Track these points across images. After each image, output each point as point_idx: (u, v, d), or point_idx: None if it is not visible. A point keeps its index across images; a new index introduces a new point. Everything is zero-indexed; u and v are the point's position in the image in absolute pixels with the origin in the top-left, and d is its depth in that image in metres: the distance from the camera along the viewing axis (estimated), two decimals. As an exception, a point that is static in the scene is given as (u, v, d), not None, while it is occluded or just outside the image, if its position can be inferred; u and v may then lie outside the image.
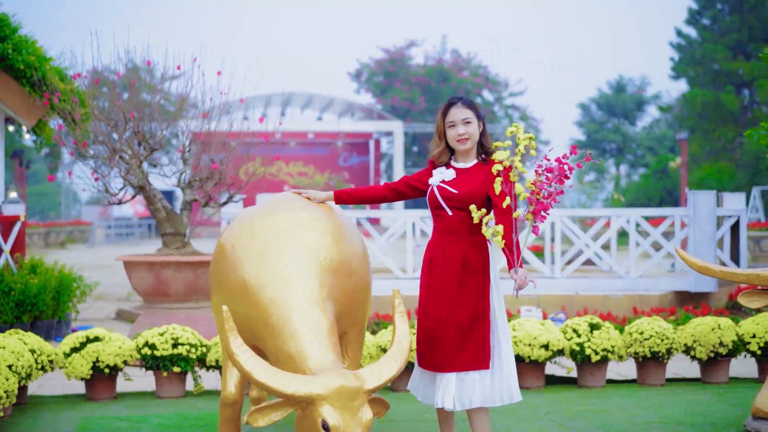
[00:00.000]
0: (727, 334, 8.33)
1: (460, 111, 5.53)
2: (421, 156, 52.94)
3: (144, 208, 47.85)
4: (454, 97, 5.63)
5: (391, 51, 52.48)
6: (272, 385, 4.69)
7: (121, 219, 45.97)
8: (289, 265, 5.26)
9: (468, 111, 5.53)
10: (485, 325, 5.43)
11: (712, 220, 12.49)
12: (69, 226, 39.50)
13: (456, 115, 5.53)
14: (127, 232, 43.85)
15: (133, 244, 39.31)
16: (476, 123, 5.54)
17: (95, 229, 40.56)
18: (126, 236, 43.21)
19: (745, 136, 11.13)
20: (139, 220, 46.62)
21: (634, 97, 58.04)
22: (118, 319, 13.89)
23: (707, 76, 44.44)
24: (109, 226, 43.22)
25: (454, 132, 5.53)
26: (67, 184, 51.06)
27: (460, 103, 5.56)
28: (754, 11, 43.34)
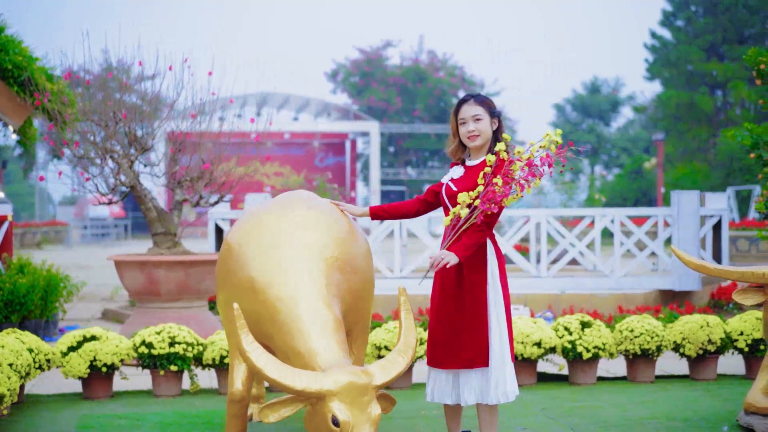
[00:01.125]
0: (716, 331, 8.47)
1: (471, 108, 5.59)
2: (397, 156, 53.07)
3: (120, 209, 47.81)
4: (467, 95, 5.69)
5: (367, 51, 52.58)
6: (283, 382, 4.76)
7: (97, 219, 45.83)
8: (296, 262, 5.34)
9: (479, 108, 5.58)
10: (481, 323, 5.50)
11: (695, 219, 12.65)
12: (45, 226, 39.36)
13: (467, 112, 5.60)
14: (103, 233, 43.68)
15: (109, 244, 39.22)
16: (488, 120, 5.59)
17: (71, 229, 40.39)
18: (102, 237, 43.05)
19: (729, 137, 11.29)
20: (114, 221, 46.51)
21: (608, 98, 58.43)
22: (104, 319, 13.91)
23: (681, 77, 44.82)
24: (84, 227, 43.08)
25: (465, 129, 5.60)
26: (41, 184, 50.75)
27: (472, 101, 5.62)
28: (728, 13, 43.75)
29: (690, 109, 42.92)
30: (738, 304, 12.80)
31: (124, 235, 44.91)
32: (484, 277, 5.54)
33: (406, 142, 52.13)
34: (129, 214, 47.64)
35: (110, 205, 10.59)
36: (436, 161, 53.84)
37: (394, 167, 52.28)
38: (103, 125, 10.27)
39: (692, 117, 43.14)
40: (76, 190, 10.74)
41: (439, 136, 51.32)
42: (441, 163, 53.30)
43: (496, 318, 5.54)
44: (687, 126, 43.61)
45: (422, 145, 51.85)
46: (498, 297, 5.57)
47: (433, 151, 53.28)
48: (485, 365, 5.50)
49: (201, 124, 10.52)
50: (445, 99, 52.03)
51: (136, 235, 46.04)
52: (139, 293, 10.19)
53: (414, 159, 53.90)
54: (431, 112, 51.90)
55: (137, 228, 47.40)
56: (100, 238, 42.76)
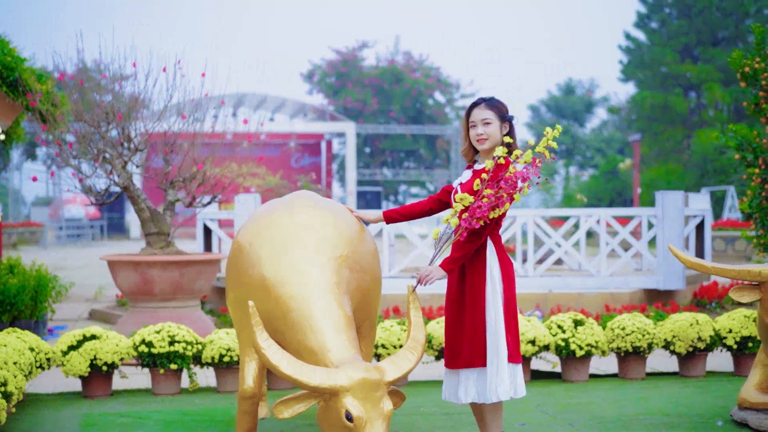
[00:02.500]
0: (705, 329, 8.63)
1: (481, 112, 5.65)
2: (373, 157, 53.15)
3: (95, 210, 47.61)
4: (480, 99, 5.75)
5: (343, 52, 52.65)
6: (298, 378, 4.86)
7: (72, 220, 45.64)
8: (307, 261, 5.44)
9: (489, 112, 5.64)
10: (480, 323, 5.55)
11: (680, 219, 12.84)
12: (20, 227, 39.13)
13: (477, 116, 5.66)
14: (78, 234, 43.48)
15: (84, 245, 39.07)
16: (497, 124, 5.63)
17: (46, 230, 40.19)
18: (77, 237, 42.85)
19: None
20: (90, 222, 46.31)
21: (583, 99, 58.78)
22: (91, 319, 13.93)
23: (656, 79, 45.17)
24: (60, 228, 42.85)
25: (474, 132, 5.67)
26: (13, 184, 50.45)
27: (483, 104, 5.68)
28: (702, 16, 44.12)
29: (664, 111, 43.25)
30: (720, 302, 13.03)
31: (100, 235, 44.72)
32: (483, 279, 5.58)
33: (382, 142, 52.25)
34: (104, 214, 47.45)
35: (102, 206, 10.62)
36: (412, 162, 53.99)
37: (370, 168, 52.36)
38: (96, 125, 10.31)
39: (666, 118, 43.48)
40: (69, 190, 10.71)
41: (415, 137, 51.49)
42: (417, 164, 53.45)
43: (494, 317, 5.56)
44: (661, 127, 43.95)
45: (398, 145, 51.98)
46: (497, 297, 5.57)
47: (409, 152, 53.43)
48: (483, 365, 5.55)
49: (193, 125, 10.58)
50: (421, 100, 52.17)
51: (112, 236, 45.86)
52: (133, 293, 10.24)
53: (390, 160, 54.03)
54: (407, 113, 52.04)
55: (112, 229, 47.24)
56: (76, 238, 42.55)
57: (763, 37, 11.00)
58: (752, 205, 10.78)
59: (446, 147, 51.00)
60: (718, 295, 13.45)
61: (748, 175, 10.90)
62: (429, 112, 52.34)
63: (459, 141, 48.29)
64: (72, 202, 47.14)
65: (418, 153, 53.27)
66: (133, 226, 46.25)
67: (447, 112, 53.36)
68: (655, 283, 12.96)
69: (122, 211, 48.95)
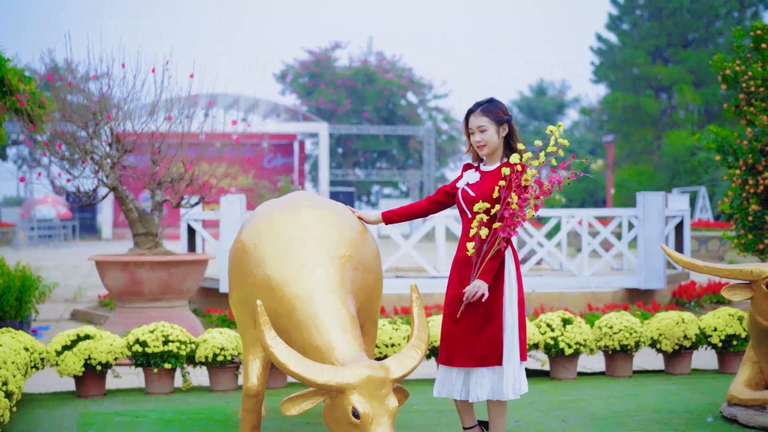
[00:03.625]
0: (691, 327, 8.77)
1: (477, 119, 5.75)
2: (346, 157, 53.21)
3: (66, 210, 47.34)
4: (476, 104, 5.82)
5: (316, 53, 52.67)
6: (305, 375, 4.94)
7: (44, 221, 45.32)
8: (312, 260, 5.52)
9: (483, 119, 5.72)
10: (497, 323, 5.65)
11: (660, 219, 13.00)
12: (-8, 228, 38.91)
13: (473, 123, 5.78)
14: (50, 234, 43.22)
15: (56, 246, 38.88)
16: (494, 128, 5.70)
17: (18, 231, 39.93)
18: (49, 238, 42.60)
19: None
20: (61, 222, 46.04)
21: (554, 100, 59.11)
22: (73, 319, 13.90)
23: (627, 80, 45.56)
24: (32, 228, 42.57)
25: (473, 139, 5.78)
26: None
27: (479, 111, 5.77)
28: (672, 17, 44.54)
29: (635, 112, 43.64)
30: (699, 301, 13.21)
31: (72, 236, 44.49)
32: (502, 280, 5.68)
33: (354, 143, 52.33)
34: (76, 215, 47.21)
35: (89, 206, 10.63)
36: (385, 162, 54.10)
37: (343, 168, 52.43)
38: (82, 125, 10.32)
39: (638, 119, 43.88)
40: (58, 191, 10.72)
41: (387, 138, 51.59)
42: (389, 165, 53.56)
43: (510, 317, 5.69)
44: (632, 128, 44.35)
45: (371, 146, 52.09)
46: (513, 296, 5.72)
47: (382, 153, 53.54)
48: (499, 363, 5.65)
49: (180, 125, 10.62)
50: (394, 101, 52.30)
51: (84, 237, 45.65)
52: (121, 293, 10.27)
53: (362, 160, 54.11)
54: (380, 114, 52.15)
55: (84, 229, 47.01)
56: (47, 239, 42.29)
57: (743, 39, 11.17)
58: (733, 205, 10.94)
59: (419, 147, 51.14)
60: (697, 295, 13.63)
61: (729, 176, 11.06)
62: (402, 113, 52.47)
63: (431, 141, 48.47)
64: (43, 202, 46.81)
65: (391, 153, 53.40)
66: (105, 227, 46.07)
67: (419, 113, 53.52)
68: (637, 283, 13.11)
69: (94, 211, 48.73)
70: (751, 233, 10.85)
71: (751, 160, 10.70)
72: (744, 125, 10.97)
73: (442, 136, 53.33)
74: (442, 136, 53.23)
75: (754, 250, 10.89)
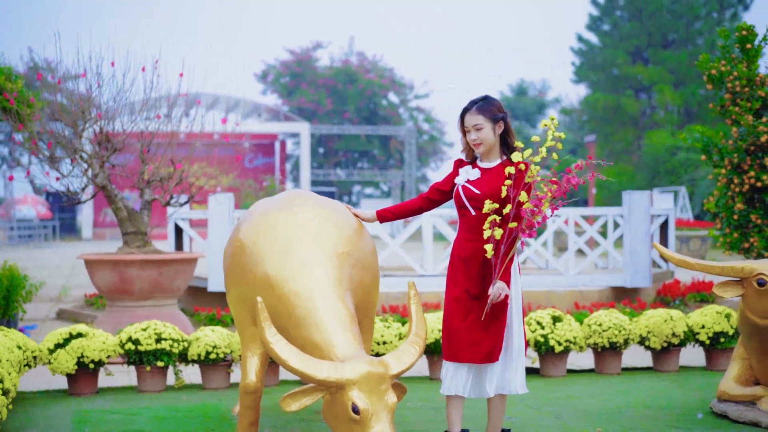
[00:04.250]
0: (679, 325, 8.86)
1: (472, 117, 5.76)
2: (327, 157, 53.20)
3: (46, 210, 47.14)
4: (471, 102, 5.83)
5: (297, 52, 52.64)
6: (306, 371, 4.98)
7: (23, 221, 45.12)
8: (311, 258, 5.56)
9: (479, 117, 5.73)
10: (503, 319, 5.70)
11: (646, 218, 13.09)
12: (-29, 228, 38.75)
13: (468, 122, 5.78)
14: (30, 234, 43.03)
15: (37, 246, 38.74)
16: (489, 126, 5.73)
17: (-3, 231, 39.80)
18: (29, 238, 42.42)
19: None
20: (41, 222, 45.84)
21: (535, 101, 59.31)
22: (59, 318, 13.88)
23: (608, 80, 45.76)
24: (11, 228, 42.40)
25: (468, 137, 5.79)
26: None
27: (474, 109, 5.77)
28: (653, 18, 44.76)
29: (616, 112, 43.85)
30: (683, 300, 13.31)
31: (52, 236, 44.31)
32: (508, 276, 5.71)
33: (335, 143, 52.31)
34: (56, 215, 47.02)
35: (78, 204, 10.64)
36: (366, 162, 54.12)
37: (324, 168, 52.40)
38: (70, 124, 10.32)
39: (618, 119, 44.09)
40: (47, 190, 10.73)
41: (368, 138, 51.60)
42: (370, 165, 53.58)
43: (517, 312, 5.78)
44: (613, 128, 44.54)
45: (352, 146, 52.10)
46: (518, 292, 5.81)
47: (363, 153, 53.55)
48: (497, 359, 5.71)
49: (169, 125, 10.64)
50: (375, 100, 52.32)
51: (64, 237, 45.47)
52: (111, 292, 10.27)
53: (344, 160, 54.12)
54: (361, 114, 52.18)
55: (64, 229, 46.82)
56: (27, 239, 42.12)
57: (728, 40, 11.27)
58: (718, 204, 11.04)
59: (400, 147, 51.18)
60: (682, 293, 13.74)
61: (714, 175, 11.16)
62: (383, 113, 52.51)
63: (412, 141, 48.52)
64: (23, 202, 46.60)
65: (372, 153, 53.42)
66: (85, 227, 45.89)
67: (401, 113, 53.57)
68: (623, 281, 13.20)
69: (74, 211, 48.56)
70: (737, 232, 10.96)
71: (737, 160, 10.81)
72: (729, 125, 11.08)
73: (423, 136, 53.41)
74: (423, 136, 53.31)
75: (739, 249, 11.00)
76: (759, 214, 10.70)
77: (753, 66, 11.00)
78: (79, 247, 36.23)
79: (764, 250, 10.74)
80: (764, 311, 6.47)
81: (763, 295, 6.44)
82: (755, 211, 10.72)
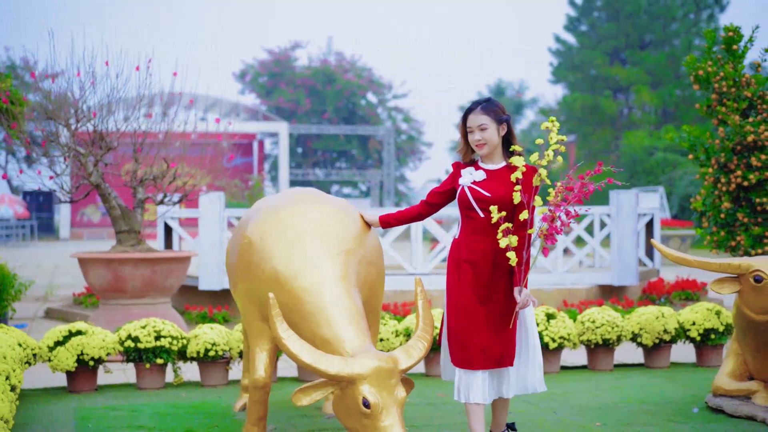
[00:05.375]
0: (670, 322, 8.99)
1: (477, 117, 5.66)
2: (305, 157, 53.22)
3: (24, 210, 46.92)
4: (475, 102, 5.76)
5: (275, 52, 52.64)
6: (317, 366, 5.07)
7: (1, 221, 44.90)
8: (319, 254, 5.65)
9: (484, 117, 5.64)
10: (513, 324, 5.63)
11: (633, 217, 13.23)
12: (-51, 228, 38.53)
13: (472, 122, 5.68)
14: (7, 234, 42.82)
15: (14, 245, 38.55)
16: (494, 127, 5.64)
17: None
18: (6, 238, 42.21)
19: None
20: (18, 222, 45.61)
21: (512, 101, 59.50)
22: (48, 317, 13.88)
23: (586, 81, 46.02)
24: (-11, 227, 42.18)
25: (472, 138, 5.69)
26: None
27: (478, 109, 5.69)
28: (630, 19, 45.08)
29: (594, 112, 44.15)
30: (669, 298, 13.46)
31: (30, 236, 44.10)
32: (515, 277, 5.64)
33: (314, 143, 52.34)
34: (33, 215, 46.81)
35: (71, 203, 10.67)
36: (344, 162, 54.18)
37: (302, 168, 52.41)
38: (63, 123, 10.35)
39: (596, 120, 44.39)
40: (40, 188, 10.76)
41: (347, 137, 51.67)
42: (349, 164, 53.64)
43: (530, 313, 5.78)
44: (591, 128, 44.83)
45: (330, 146, 52.16)
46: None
47: (341, 152, 53.62)
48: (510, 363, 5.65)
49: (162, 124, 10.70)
50: (354, 100, 52.40)
51: (42, 237, 45.27)
52: (105, 290, 10.31)
53: (322, 160, 54.17)
54: (340, 114, 52.24)
55: (42, 229, 46.60)
56: (4, 239, 41.91)
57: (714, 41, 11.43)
58: (705, 203, 11.19)
59: (378, 147, 51.29)
60: (667, 292, 13.89)
61: (701, 174, 11.31)
62: (361, 113, 52.61)
63: (390, 141, 48.60)
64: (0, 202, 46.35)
65: (351, 153, 53.50)
66: (63, 227, 45.70)
67: (379, 113, 53.66)
68: (610, 279, 13.33)
69: (51, 211, 48.35)
70: (723, 230, 11.11)
71: (723, 159, 10.96)
72: (716, 124, 11.23)
73: (402, 136, 53.52)
74: (401, 135, 53.42)
75: (726, 247, 11.15)
76: (745, 213, 10.86)
77: (739, 67, 11.16)
78: (57, 246, 36.11)
79: (751, 249, 10.89)
80: (761, 307, 6.59)
81: (759, 292, 6.57)
82: (742, 210, 10.87)
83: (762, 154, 10.73)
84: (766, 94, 10.95)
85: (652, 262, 14.74)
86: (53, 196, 40.36)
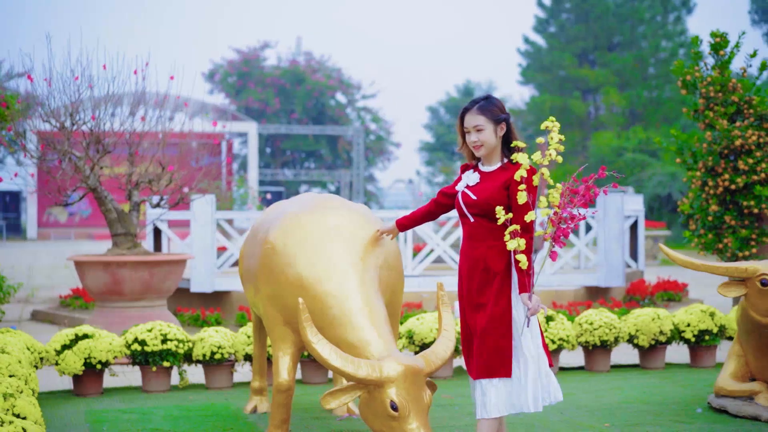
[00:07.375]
0: (666, 323, 9.15)
1: (473, 118, 5.45)
2: (274, 157, 53.15)
3: (-5, 212, 46.47)
4: (471, 102, 5.55)
5: (244, 52, 52.53)
6: (346, 370, 5.16)
7: (-27, 223, 44.43)
8: (343, 259, 5.74)
9: (480, 118, 5.42)
10: (504, 331, 5.35)
11: (619, 219, 13.42)
12: None
13: (469, 122, 5.47)
14: (-21, 236, 42.41)
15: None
16: (491, 128, 5.41)
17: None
18: (-22, 240, 41.80)
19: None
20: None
21: (481, 102, 59.66)
22: (34, 320, 13.86)
23: (554, 82, 46.32)
24: (-45, 228, 41.76)
25: (469, 139, 5.50)
26: None
27: (474, 109, 5.47)
28: (599, 21, 45.45)
29: (563, 113, 44.43)
30: (652, 299, 13.66)
31: (0, 236, 43.71)
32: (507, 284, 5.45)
33: (283, 143, 52.29)
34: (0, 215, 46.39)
35: (67, 206, 10.67)
36: (313, 162, 54.16)
37: (271, 168, 52.33)
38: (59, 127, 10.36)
39: (565, 121, 44.67)
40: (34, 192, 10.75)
41: (316, 138, 51.65)
42: (318, 165, 53.63)
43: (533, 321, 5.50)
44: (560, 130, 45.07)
45: (300, 146, 52.10)
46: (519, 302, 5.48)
47: (311, 152, 53.59)
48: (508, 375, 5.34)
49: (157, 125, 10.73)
50: (323, 100, 52.40)
51: (10, 238, 44.87)
52: (102, 293, 10.33)
53: (291, 160, 54.13)
54: (309, 114, 52.22)
55: (9, 230, 46.17)
56: (-24, 241, 41.53)
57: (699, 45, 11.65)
58: (693, 206, 11.39)
59: (348, 147, 51.32)
60: (650, 293, 14.09)
61: (689, 178, 11.50)
62: (331, 113, 52.60)
63: (360, 141, 48.64)
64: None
65: (320, 153, 53.48)
66: (30, 227, 45.33)
67: (348, 113, 53.70)
68: (597, 281, 13.51)
69: (18, 211, 47.93)
70: (711, 233, 11.32)
71: (711, 163, 11.16)
72: (702, 129, 11.44)
73: (371, 136, 53.60)
74: (370, 136, 53.49)
75: (714, 249, 11.35)
76: (733, 216, 11.07)
77: (726, 72, 11.36)
78: (25, 247, 35.76)
79: (738, 251, 11.11)
80: (766, 310, 6.75)
81: (765, 295, 6.72)
82: (729, 213, 11.08)
83: (749, 158, 10.95)
84: (753, 98, 11.18)
85: (636, 263, 14.94)
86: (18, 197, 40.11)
